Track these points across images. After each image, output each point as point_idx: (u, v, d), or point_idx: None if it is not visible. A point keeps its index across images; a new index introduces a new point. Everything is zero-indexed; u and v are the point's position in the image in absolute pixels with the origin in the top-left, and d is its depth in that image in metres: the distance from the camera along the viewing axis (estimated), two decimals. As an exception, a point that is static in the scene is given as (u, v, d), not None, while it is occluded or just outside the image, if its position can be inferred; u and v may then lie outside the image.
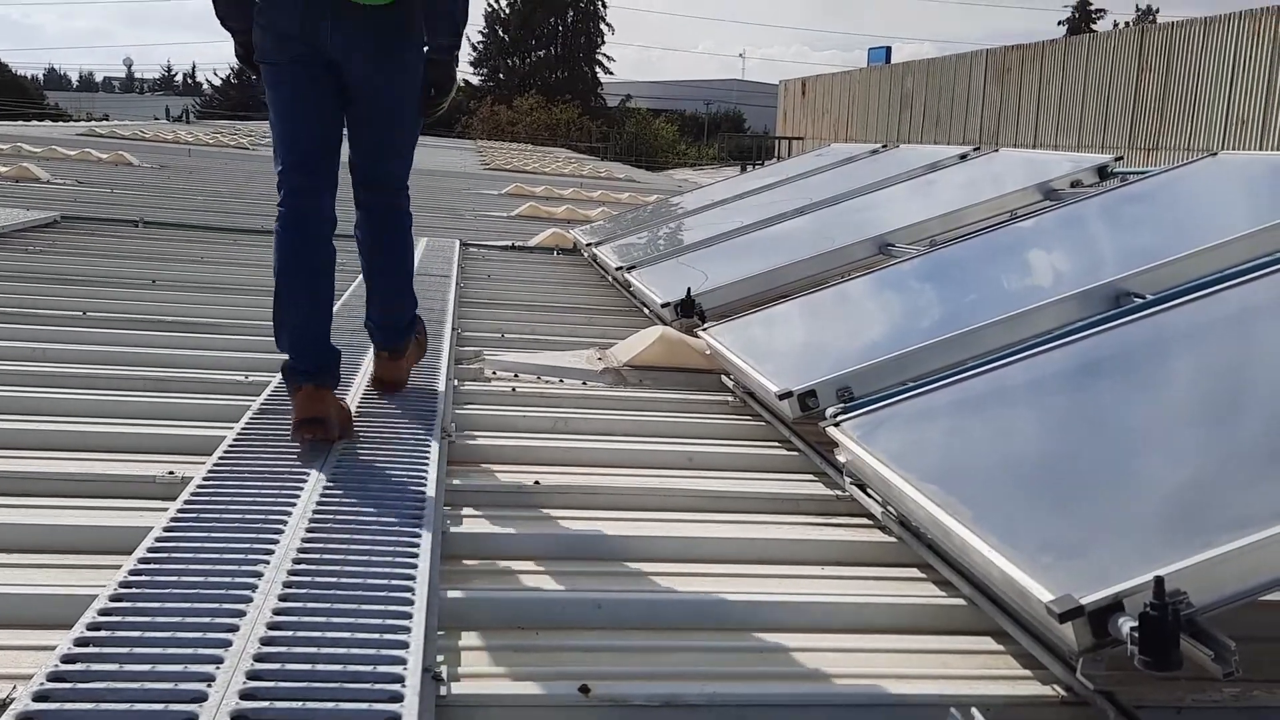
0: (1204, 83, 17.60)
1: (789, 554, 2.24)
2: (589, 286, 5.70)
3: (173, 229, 6.62)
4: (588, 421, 3.09)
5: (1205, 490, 1.91)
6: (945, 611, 2.00)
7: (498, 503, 2.43)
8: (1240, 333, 2.55)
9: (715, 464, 2.81)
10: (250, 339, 3.81)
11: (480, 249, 6.77)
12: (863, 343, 3.34)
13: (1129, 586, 1.54)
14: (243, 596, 1.68)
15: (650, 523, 2.36)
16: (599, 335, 4.30)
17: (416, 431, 2.61)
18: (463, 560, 2.10)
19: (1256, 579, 1.58)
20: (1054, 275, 3.51)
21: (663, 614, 1.91)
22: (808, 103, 33.44)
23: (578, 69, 52.06)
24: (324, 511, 2.05)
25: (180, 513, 2.00)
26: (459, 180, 13.06)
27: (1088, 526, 1.89)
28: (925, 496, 2.07)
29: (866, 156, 6.66)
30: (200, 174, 11.15)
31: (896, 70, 28.82)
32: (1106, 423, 2.31)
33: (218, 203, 8.51)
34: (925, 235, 4.34)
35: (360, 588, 1.75)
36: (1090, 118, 20.29)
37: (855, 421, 2.58)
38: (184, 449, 2.57)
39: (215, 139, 18.22)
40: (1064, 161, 4.79)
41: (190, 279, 4.95)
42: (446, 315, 4.17)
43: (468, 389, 3.35)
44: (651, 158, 38.45)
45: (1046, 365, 2.59)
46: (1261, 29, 16.47)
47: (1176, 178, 3.95)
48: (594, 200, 11.29)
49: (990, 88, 23.53)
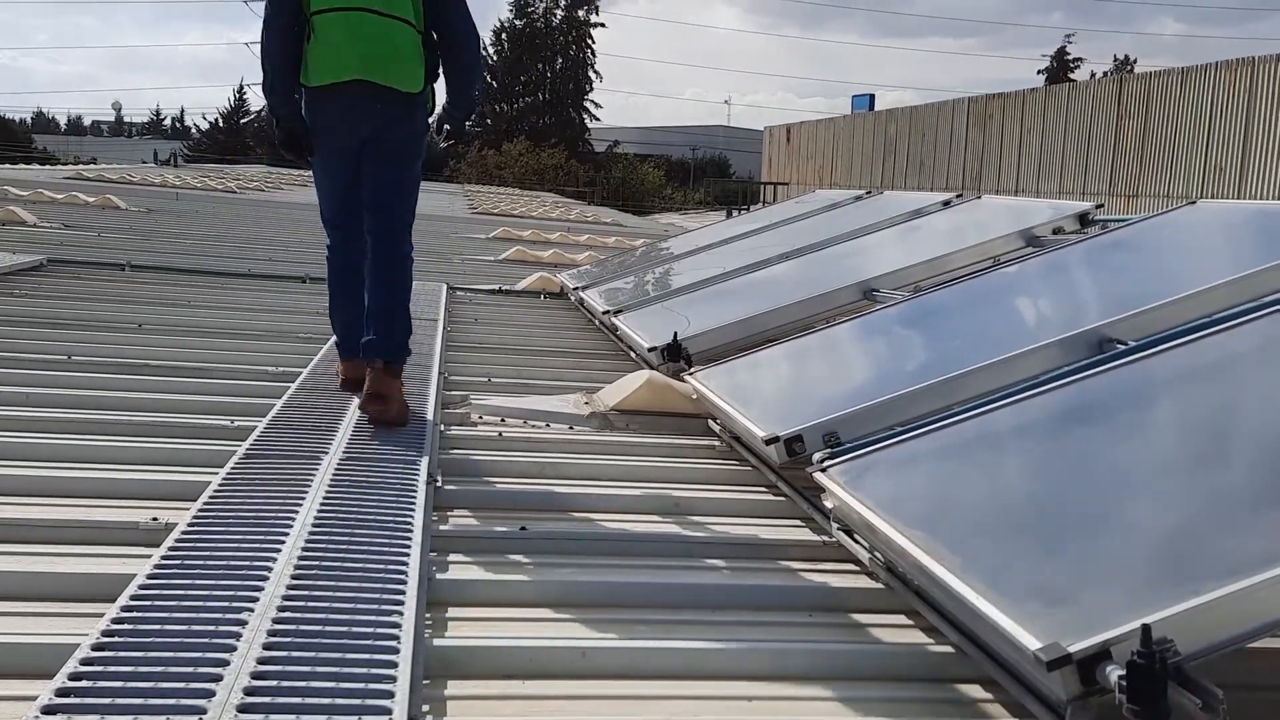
0: (1182, 131, 17.89)
1: (776, 600, 2.23)
2: (576, 330, 5.72)
3: (160, 272, 6.62)
4: (574, 466, 3.09)
5: (1191, 536, 1.91)
6: (933, 659, 1.99)
7: (484, 548, 2.42)
8: (1222, 379, 2.58)
9: (701, 509, 2.81)
10: (237, 383, 3.80)
11: (467, 293, 6.78)
12: (849, 387, 3.35)
13: (1117, 634, 1.54)
14: (226, 645, 1.66)
15: (636, 569, 2.35)
16: (586, 379, 4.30)
17: (403, 476, 2.60)
18: (449, 607, 2.08)
19: (1243, 626, 1.59)
20: (1037, 321, 3.54)
21: (648, 662, 1.90)
22: (793, 148, 33.78)
23: (565, 114, 52.55)
24: (309, 558, 2.04)
25: (164, 560, 1.99)
26: (447, 224, 13.11)
27: (1075, 573, 1.89)
28: (912, 543, 2.07)
29: (851, 202, 6.73)
30: (188, 217, 11.17)
31: (880, 117, 29.18)
32: (1092, 469, 2.32)
33: (205, 246, 8.51)
34: (910, 281, 4.38)
35: (346, 636, 1.74)
36: (1071, 164, 20.56)
37: (842, 467, 2.59)
38: (169, 494, 2.55)
39: (203, 183, 18.27)
40: (1046, 209, 4.85)
41: (177, 323, 4.95)
42: (433, 359, 4.17)
43: (454, 433, 3.35)
44: (638, 202, 38.71)
45: (1032, 411, 2.61)
46: (1236, 79, 16.78)
47: (1156, 225, 4.00)
48: (581, 244, 11.35)
49: (972, 134, 23.83)
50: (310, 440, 2.86)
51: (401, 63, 3.11)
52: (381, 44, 3.08)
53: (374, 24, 3.06)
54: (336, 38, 3.07)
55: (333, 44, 3.08)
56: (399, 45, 3.09)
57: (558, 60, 52.74)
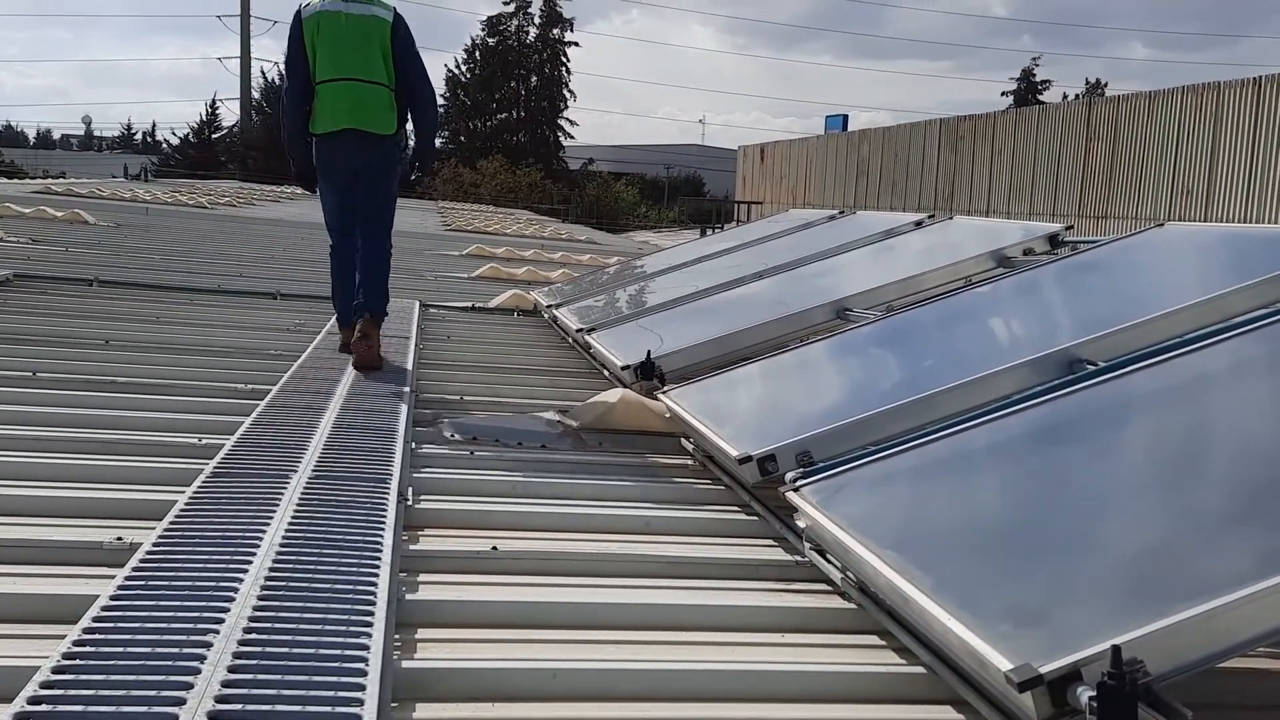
0: (1149, 154, 18.15)
1: (748, 621, 2.22)
2: (549, 348, 5.70)
3: (128, 288, 6.55)
4: (546, 485, 3.07)
5: (1161, 556, 1.92)
6: (905, 680, 1.99)
7: (454, 568, 2.40)
8: (1191, 400, 2.60)
9: (674, 529, 2.80)
10: (205, 400, 3.76)
11: (440, 310, 6.76)
12: (822, 407, 3.36)
13: (1087, 655, 1.54)
14: (190, 668, 1.64)
15: (608, 589, 2.34)
16: (559, 397, 4.29)
17: (373, 495, 2.58)
18: (418, 628, 2.06)
19: (1212, 647, 1.59)
20: (1009, 342, 3.57)
21: (620, 684, 1.89)
22: (766, 168, 33.98)
23: (540, 132, 52.63)
24: (277, 578, 2.01)
25: (128, 580, 1.95)
26: (420, 241, 13.06)
27: (1047, 594, 1.90)
28: (884, 563, 2.07)
29: (824, 222, 6.76)
30: (158, 233, 11.07)
31: (853, 137, 29.41)
32: (1063, 489, 2.33)
33: (175, 262, 8.44)
34: (882, 300, 4.40)
35: (313, 658, 1.71)
36: (1041, 186, 20.80)
37: (815, 486, 2.59)
38: (134, 513, 2.51)
39: (174, 197, 18.11)
40: (1017, 230, 4.89)
41: (145, 339, 4.89)
42: (405, 377, 4.15)
43: (426, 451, 3.32)
44: (613, 220, 38.78)
45: (1003, 431, 2.62)
46: (1202, 104, 17.05)
47: (1125, 247, 4.04)
48: (555, 262, 11.34)
49: (945, 155, 24.06)
50: (279, 458, 2.83)
51: (379, 114, 4.39)
52: (365, 102, 4.36)
53: (359, 89, 4.35)
54: (334, 99, 4.36)
55: (331, 104, 4.37)
56: (377, 102, 4.39)
57: (532, 78, 52.85)
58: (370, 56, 4.34)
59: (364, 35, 4.34)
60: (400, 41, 4.41)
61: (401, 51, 4.41)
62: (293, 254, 9.96)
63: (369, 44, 4.34)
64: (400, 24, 4.44)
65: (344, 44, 4.33)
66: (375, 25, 4.36)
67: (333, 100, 4.34)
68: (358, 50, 4.33)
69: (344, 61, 4.33)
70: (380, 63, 4.36)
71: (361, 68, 4.33)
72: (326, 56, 4.34)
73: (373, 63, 4.34)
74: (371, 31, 4.35)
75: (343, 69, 4.33)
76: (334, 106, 4.34)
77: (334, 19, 4.34)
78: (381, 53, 4.36)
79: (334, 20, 4.33)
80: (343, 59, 4.33)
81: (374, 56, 4.34)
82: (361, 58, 4.33)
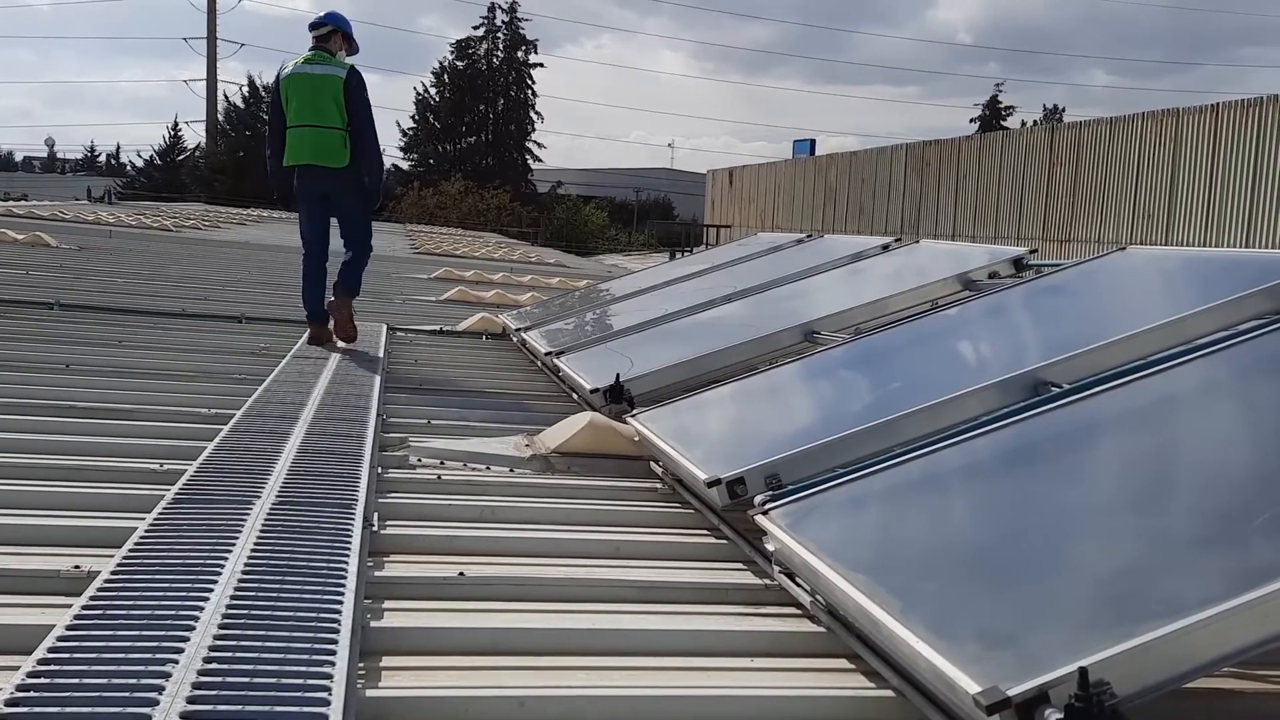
0: (1111, 179, 18.44)
1: (717, 646, 2.21)
2: (518, 372, 5.68)
3: (90, 312, 6.47)
4: (514, 510, 3.05)
5: (1128, 577, 1.93)
6: (874, 704, 1.98)
7: (421, 594, 2.36)
8: (1154, 421, 2.63)
9: (643, 553, 2.78)
10: (167, 425, 3.71)
11: (408, 333, 6.72)
12: (791, 429, 3.36)
13: (1055, 677, 1.54)
14: (149, 699, 1.60)
15: (576, 614, 2.31)
16: (527, 421, 4.27)
17: (337, 520, 2.55)
18: (383, 656, 2.03)
19: (1178, 667, 1.60)
20: (975, 364, 3.59)
21: (588, 710, 1.87)
22: (735, 192, 34.19)
23: (508, 155, 52.67)
24: (239, 606, 1.98)
25: (85, 609, 1.91)
26: (388, 264, 13.00)
27: (1015, 616, 1.90)
28: (853, 586, 2.07)
29: (792, 245, 6.80)
30: (121, 256, 10.96)
31: (821, 162, 29.68)
32: (1030, 511, 2.34)
33: (138, 285, 8.35)
34: (850, 323, 4.43)
35: (275, 688, 1.68)
36: (1006, 210, 21.06)
37: (783, 509, 2.58)
38: (92, 541, 2.47)
39: (138, 220, 17.95)
40: (982, 253, 4.94)
41: (106, 363, 4.82)
42: (371, 401, 4.11)
43: (392, 476, 3.29)
44: (582, 243, 38.83)
45: (971, 454, 2.63)
46: (1163, 130, 17.36)
47: (1088, 271, 4.09)
48: (524, 285, 11.33)
49: (911, 179, 24.32)
50: (242, 484, 2.79)
51: (333, 151, 5.60)
52: (321, 142, 5.58)
53: (317, 132, 5.58)
54: (298, 140, 5.61)
55: (296, 144, 5.62)
56: (330, 142, 5.59)
57: (499, 101, 52.94)
58: (325, 106, 5.57)
59: (320, 90, 5.57)
60: (351, 93, 5.58)
61: (350, 101, 5.59)
62: (258, 277, 9.88)
63: (324, 96, 5.56)
64: (352, 79, 5.60)
65: (305, 98, 5.57)
66: (330, 81, 5.59)
67: (296, 141, 5.60)
68: (316, 102, 5.56)
69: (305, 111, 5.57)
70: (335, 110, 5.57)
71: (318, 115, 5.57)
72: (293, 108, 5.60)
73: (327, 111, 5.56)
74: (325, 87, 5.58)
75: (304, 117, 5.58)
76: (298, 146, 5.60)
77: (300, 78, 5.61)
78: (335, 103, 5.57)
79: (299, 79, 5.61)
80: (304, 110, 5.57)
81: (329, 106, 5.57)
82: (317, 108, 5.57)
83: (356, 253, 5.78)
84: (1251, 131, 15.73)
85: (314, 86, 5.56)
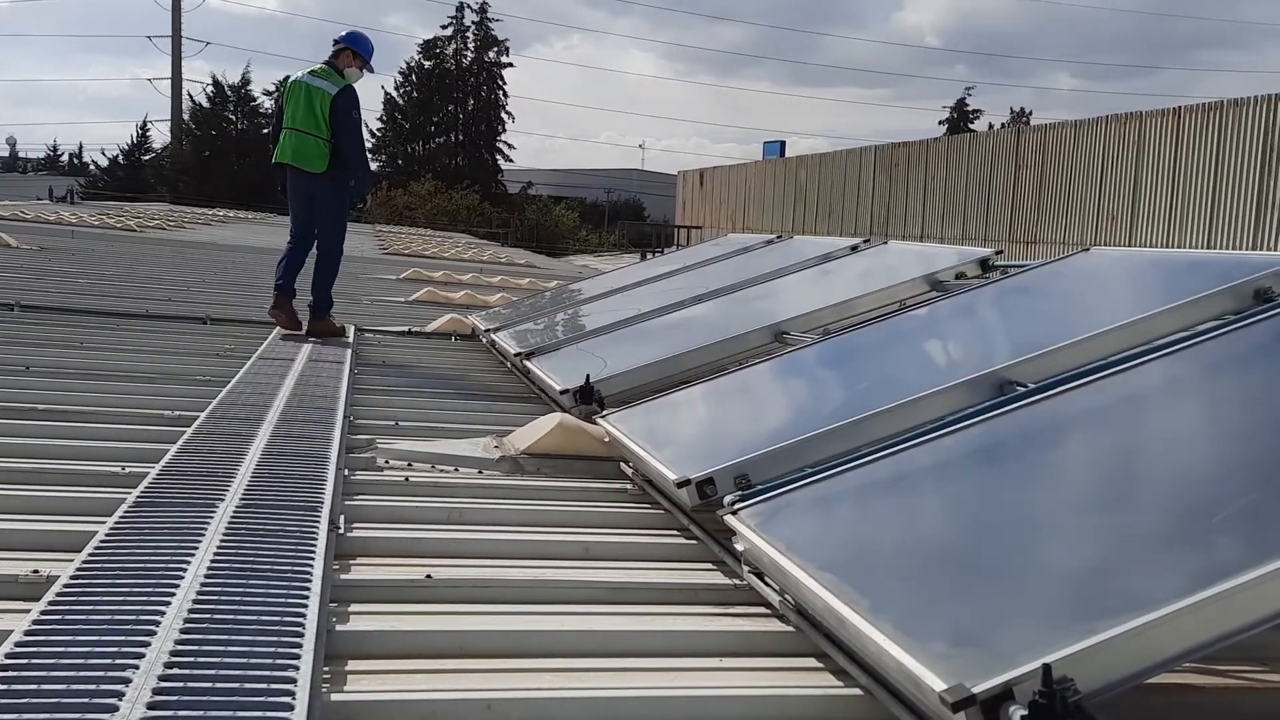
0: (1076, 180, 18.65)
1: (687, 646, 2.20)
2: (487, 373, 5.66)
3: (51, 313, 6.37)
4: (483, 512, 3.03)
5: (1092, 574, 1.95)
6: (841, 702, 1.98)
7: (387, 598, 2.35)
8: (1118, 420, 2.65)
9: (613, 554, 2.77)
10: (129, 428, 3.66)
11: (376, 334, 6.67)
12: (760, 429, 3.36)
13: (1020, 674, 1.55)
14: (108, 705, 1.57)
15: (545, 616, 2.30)
16: (496, 422, 4.25)
17: (302, 523, 2.52)
18: (348, 660, 2.01)
19: (1140, 663, 1.61)
20: (942, 364, 3.61)
21: (556, 713, 1.86)
22: (706, 193, 34.26)
23: (478, 156, 52.48)
24: (201, 610, 1.95)
25: (43, 614, 1.88)
26: (356, 265, 12.90)
27: (982, 613, 1.91)
28: (821, 585, 2.07)
29: (762, 246, 6.82)
30: (84, 256, 10.81)
31: (790, 163, 29.81)
32: (996, 509, 2.36)
33: (101, 286, 8.24)
34: (819, 324, 4.44)
35: (237, 692, 1.66)
36: (973, 211, 21.24)
37: (753, 509, 2.58)
38: (51, 545, 2.43)
39: (101, 220, 17.72)
40: (950, 254, 4.97)
41: (67, 365, 4.75)
42: (338, 402, 4.08)
43: (359, 478, 3.26)
44: (552, 244, 38.76)
45: (938, 453, 2.64)
46: (1126, 132, 17.58)
47: (1053, 272, 4.13)
48: (494, 285, 11.28)
49: (880, 181, 24.48)
50: (206, 487, 2.75)
51: (312, 157, 6.08)
52: (302, 146, 6.11)
53: (300, 137, 6.11)
54: (284, 140, 6.17)
55: (282, 143, 6.19)
56: (310, 148, 6.09)
57: (469, 101, 52.72)
58: (313, 115, 6.07)
59: (311, 100, 6.09)
60: (336, 110, 6.08)
61: (335, 118, 6.09)
62: (223, 278, 9.79)
63: (313, 107, 6.08)
64: (340, 99, 6.08)
65: (299, 105, 6.12)
66: (321, 94, 6.11)
67: (284, 142, 6.18)
68: (306, 110, 6.08)
69: (295, 117, 6.13)
70: (320, 121, 6.07)
71: (304, 122, 6.09)
72: (288, 112, 6.17)
73: (313, 120, 6.07)
74: (316, 98, 6.10)
75: (294, 122, 6.13)
76: (283, 146, 6.19)
77: (298, 86, 6.18)
78: (321, 115, 6.08)
79: (297, 87, 6.19)
80: (295, 115, 6.13)
81: (315, 116, 6.07)
82: (305, 116, 6.08)
83: (325, 256, 6.24)
84: (1212, 134, 15.97)
85: (307, 96, 6.10)
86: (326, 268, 6.24)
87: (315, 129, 6.06)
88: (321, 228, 6.25)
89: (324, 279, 6.23)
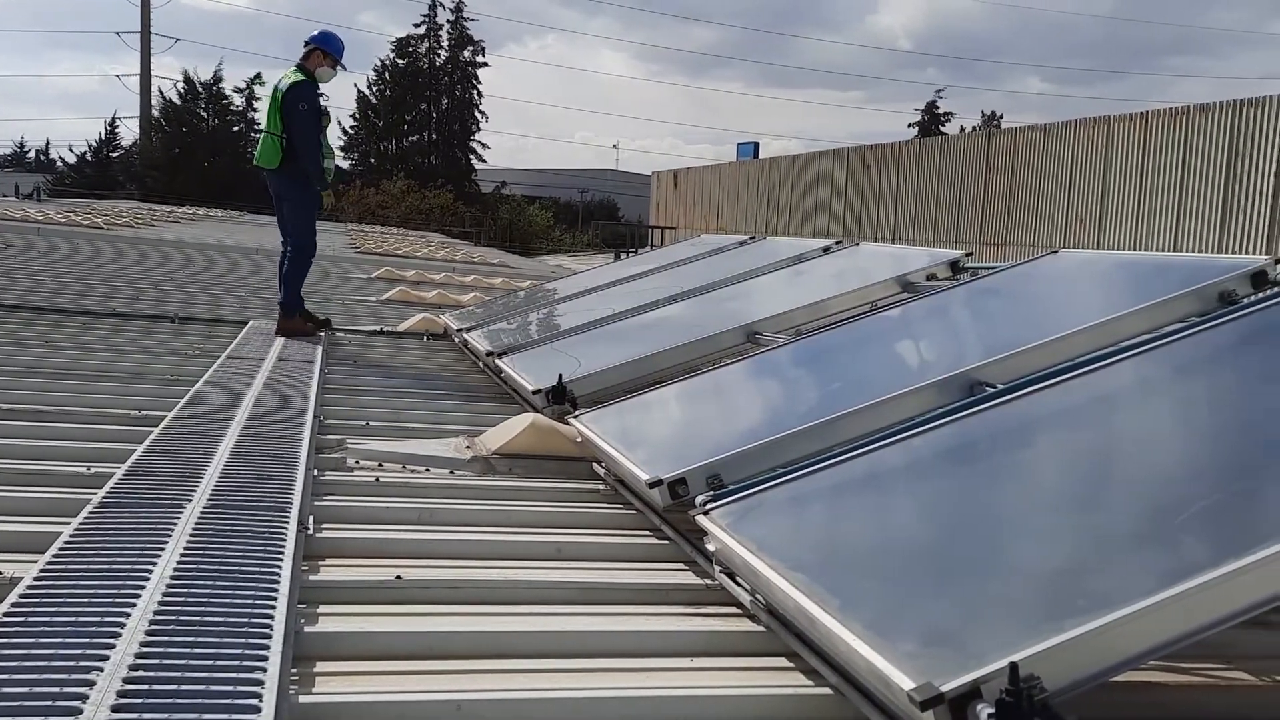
0: (1045, 183, 18.82)
1: (658, 646, 2.20)
2: (459, 372, 5.63)
3: (16, 311, 6.29)
4: (454, 512, 3.02)
5: (1060, 573, 1.96)
6: (811, 702, 1.99)
7: (357, 599, 2.33)
8: (1086, 420, 2.68)
9: (585, 554, 2.77)
10: (95, 428, 3.62)
11: (347, 334, 6.63)
12: (732, 429, 3.37)
13: (987, 672, 1.56)
14: (71, 708, 1.55)
15: (516, 617, 2.30)
16: (468, 423, 4.23)
17: (271, 523, 2.50)
18: (317, 661, 1.99)
19: (1106, 661, 1.63)
20: (913, 365, 3.63)
21: (527, 714, 1.85)
22: (679, 193, 34.29)
23: (452, 155, 52.24)
24: (167, 611, 1.93)
25: (6, 616, 1.85)
26: (327, 263, 12.80)
27: (950, 612, 1.92)
28: (792, 585, 2.08)
29: (736, 247, 6.83)
30: (50, 254, 10.67)
31: (764, 165, 29.89)
32: (966, 509, 2.37)
33: (68, 284, 8.13)
34: (792, 324, 4.46)
35: (204, 695, 1.64)
36: (944, 213, 21.39)
37: (724, 509, 2.59)
38: (15, 546, 2.40)
39: (68, 218, 17.49)
40: (921, 256, 5.00)
41: (33, 364, 4.69)
42: (308, 402, 4.05)
43: (329, 479, 3.24)
44: (526, 243, 38.65)
45: (908, 453, 2.66)
46: (1094, 136, 17.76)
47: (1023, 273, 4.16)
48: (466, 285, 11.24)
49: (852, 183, 24.60)
50: (172, 487, 2.72)
51: (268, 154, 6.22)
52: (263, 146, 6.30)
53: (262, 136, 6.31)
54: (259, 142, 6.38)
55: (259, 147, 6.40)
56: (267, 144, 6.24)
57: (443, 100, 52.48)
58: (270, 113, 6.26)
59: (273, 98, 6.28)
60: (286, 104, 6.16)
61: (286, 110, 6.15)
62: (192, 276, 9.69)
63: (273, 104, 6.25)
64: (291, 92, 6.15)
65: (267, 105, 6.36)
66: (276, 92, 6.28)
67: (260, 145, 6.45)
68: (269, 109, 6.28)
69: (264, 117, 6.45)
70: (275, 118, 6.19)
71: (267, 123, 6.30)
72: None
73: (270, 118, 6.26)
74: (275, 96, 6.27)
75: (263, 123, 6.45)
76: (257, 148, 6.43)
77: (273, 91, 6.39)
78: (276, 110, 6.20)
79: (272, 89, 6.43)
80: (264, 116, 6.46)
81: (272, 113, 6.23)
82: (269, 116, 6.27)
83: (294, 253, 6.27)
84: (1179, 139, 16.16)
85: (271, 95, 6.33)
86: (296, 264, 6.28)
87: (271, 125, 6.20)
88: (290, 224, 6.34)
89: (294, 276, 6.25)
